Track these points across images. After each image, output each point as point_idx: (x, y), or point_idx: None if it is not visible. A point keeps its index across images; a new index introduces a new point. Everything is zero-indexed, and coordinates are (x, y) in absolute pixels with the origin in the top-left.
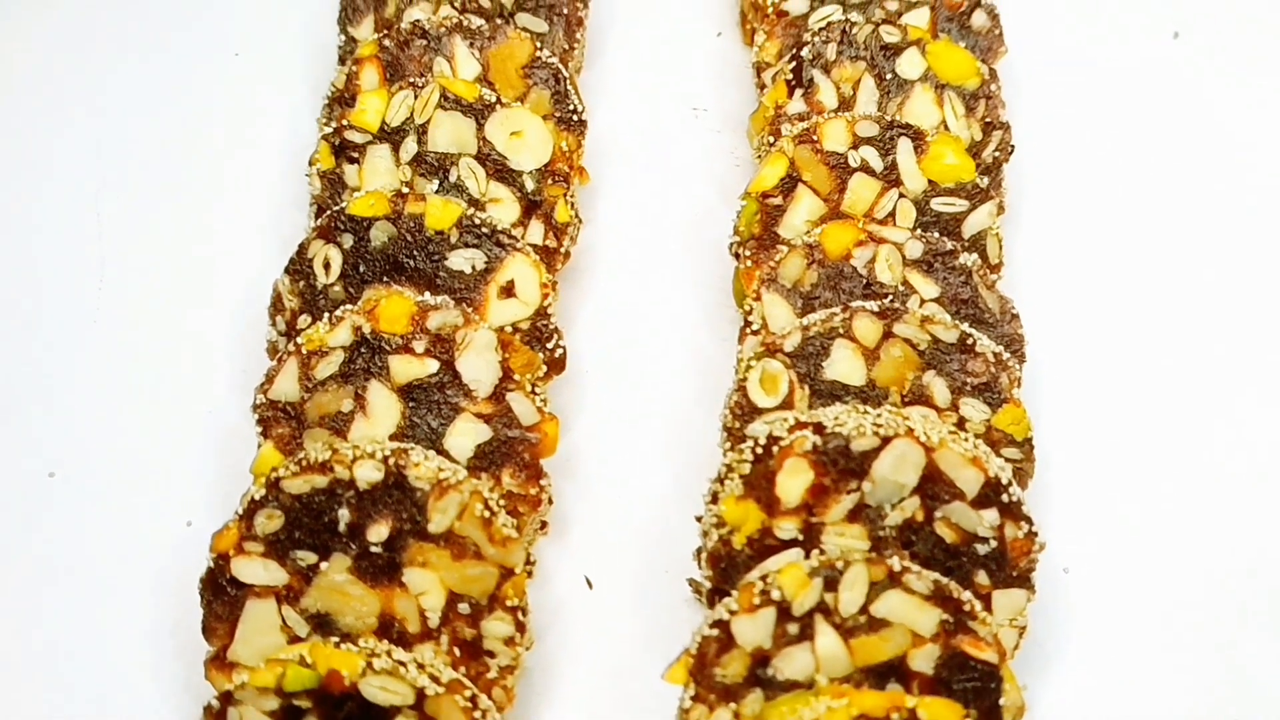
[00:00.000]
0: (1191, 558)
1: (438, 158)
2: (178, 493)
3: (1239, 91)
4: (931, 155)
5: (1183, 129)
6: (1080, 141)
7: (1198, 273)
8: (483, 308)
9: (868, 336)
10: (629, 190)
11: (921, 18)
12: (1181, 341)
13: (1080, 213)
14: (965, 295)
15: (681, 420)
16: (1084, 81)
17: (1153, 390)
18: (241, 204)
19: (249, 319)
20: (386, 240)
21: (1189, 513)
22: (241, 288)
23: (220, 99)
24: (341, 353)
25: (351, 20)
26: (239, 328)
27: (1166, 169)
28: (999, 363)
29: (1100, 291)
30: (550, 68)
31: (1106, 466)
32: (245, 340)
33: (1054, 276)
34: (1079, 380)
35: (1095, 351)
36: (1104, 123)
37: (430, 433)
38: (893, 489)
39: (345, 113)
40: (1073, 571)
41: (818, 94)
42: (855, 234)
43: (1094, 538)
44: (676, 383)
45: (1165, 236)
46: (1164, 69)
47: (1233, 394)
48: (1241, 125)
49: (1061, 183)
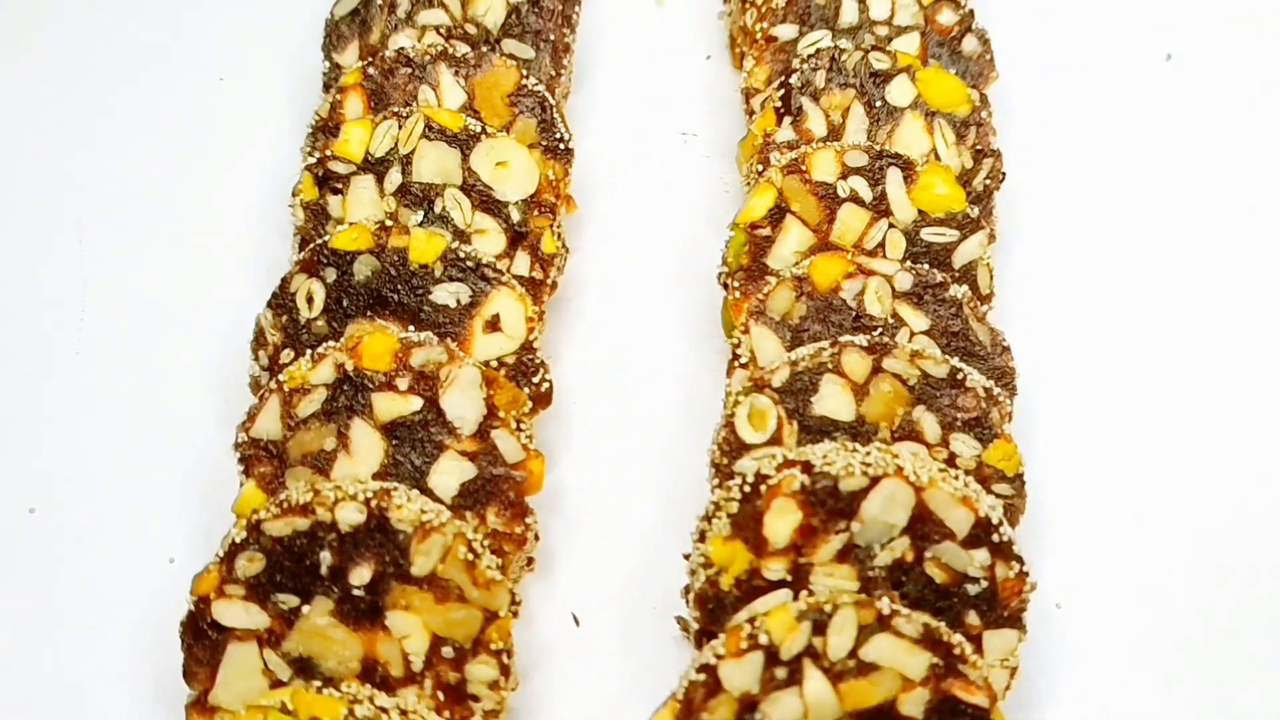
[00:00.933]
0: (1186, 593)
1: (422, 188)
2: (160, 529)
3: (1234, 114)
4: (921, 185)
5: (1177, 153)
6: (1073, 167)
7: (1193, 301)
8: (468, 342)
9: (857, 372)
10: (617, 218)
11: (912, 43)
12: (1175, 372)
13: (1073, 240)
14: (956, 328)
15: (669, 453)
16: (1076, 106)
17: (1146, 422)
18: (225, 234)
19: (232, 351)
20: (370, 274)
21: (1183, 547)
22: (225, 319)
23: (204, 126)
24: (324, 390)
25: (336, 47)
26: (222, 360)
27: (1160, 194)
28: (990, 398)
29: (1093, 321)
30: (536, 96)
31: (1099, 500)
32: (228, 373)
33: (1046, 306)
34: (1071, 412)
35: (1088, 383)
36: (1097, 148)
37: (414, 471)
38: (882, 529)
39: (329, 142)
40: (1065, 607)
41: (806, 122)
42: (844, 266)
43: (1086, 573)
44: (664, 415)
45: (1159, 264)
46: (1157, 92)
47: (1228, 427)
48: (1237, 148)
49: (1054, 210)
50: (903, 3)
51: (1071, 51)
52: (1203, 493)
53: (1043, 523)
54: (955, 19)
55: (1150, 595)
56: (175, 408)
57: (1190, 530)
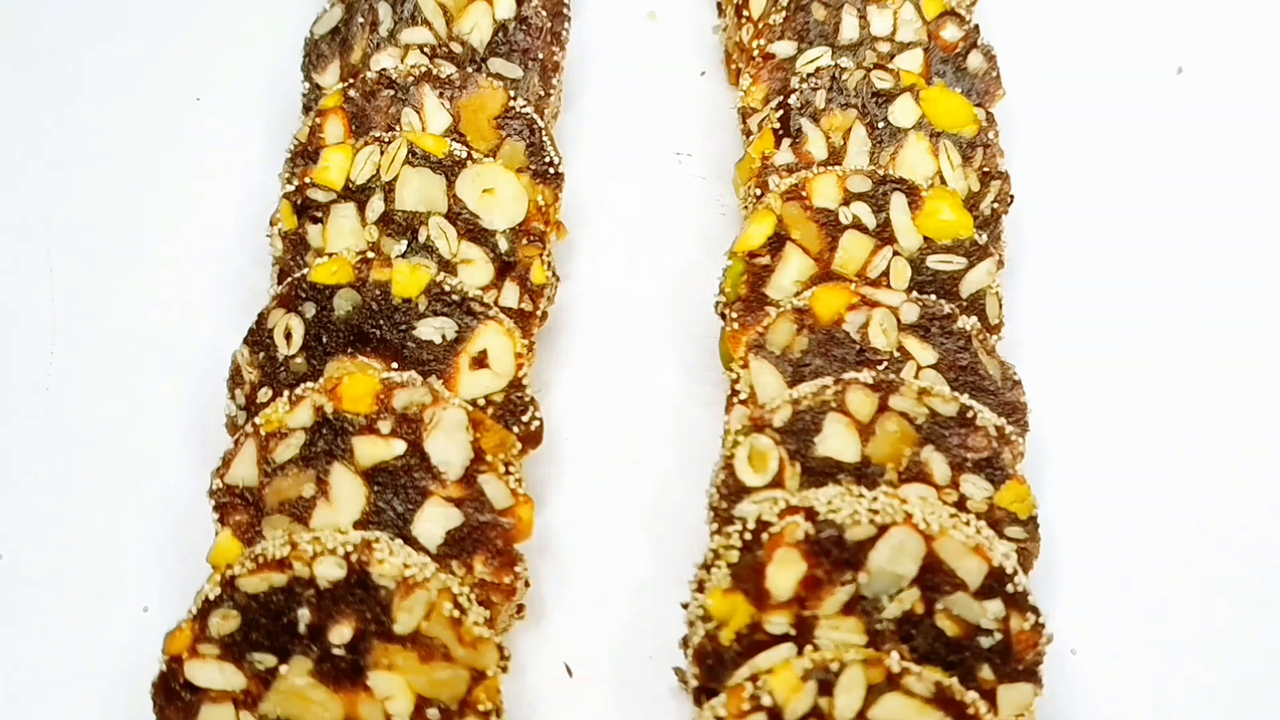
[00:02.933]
0: (1204, 637)
1: (406, 217)
2: (133, 575)
3: (1249, 128)
4: (927, 211)
5: (1190, 169)
6: (1082, 186)
7: (1213, 327)
8: (453, 380)
9: (862, 410)
10: (609, 243)
11: (915, 60)
12: (1193, 402)
13: (1083, 264)
14: (964, 361)
15: (666, 492)
16: (1085, 122)
17: (1162, 456)
18: (202, 262)
19: (209, 387)
20: (351, 309)
21: (1202, 591)
22: (202, 353)
23: (180, 148)
24: (302, 434)
25: (316, 67)
26: (199, 396)
27: (1174, 213)
28: (1001, 437)
29: (1106, 350)
30: (524, 118)
31: (1114, 539)
32: (205, 410)
33: (1056, 334)
34: (1084, 447)
35: (1101, 415)
36: (1107, 165)
37: (397, 518)
38: (890, 580)
39: (308, 169)
40: (1081, 653)
41: (806, 144)
42: (847, 297)
43: (1102, 617)
44: (660, 452)
45: (1174, 288)
46: (1168, 106)
47: (1250, 463)
48: (1254, 164)
49: (1063, 232)
50: (905, 18)
51: (1079, 66)
52: (1223, 532)
53: (1056, 564)
54: (960, 34)
55: (1170, 641)
56: (149, 446)
57: (1210, 571)
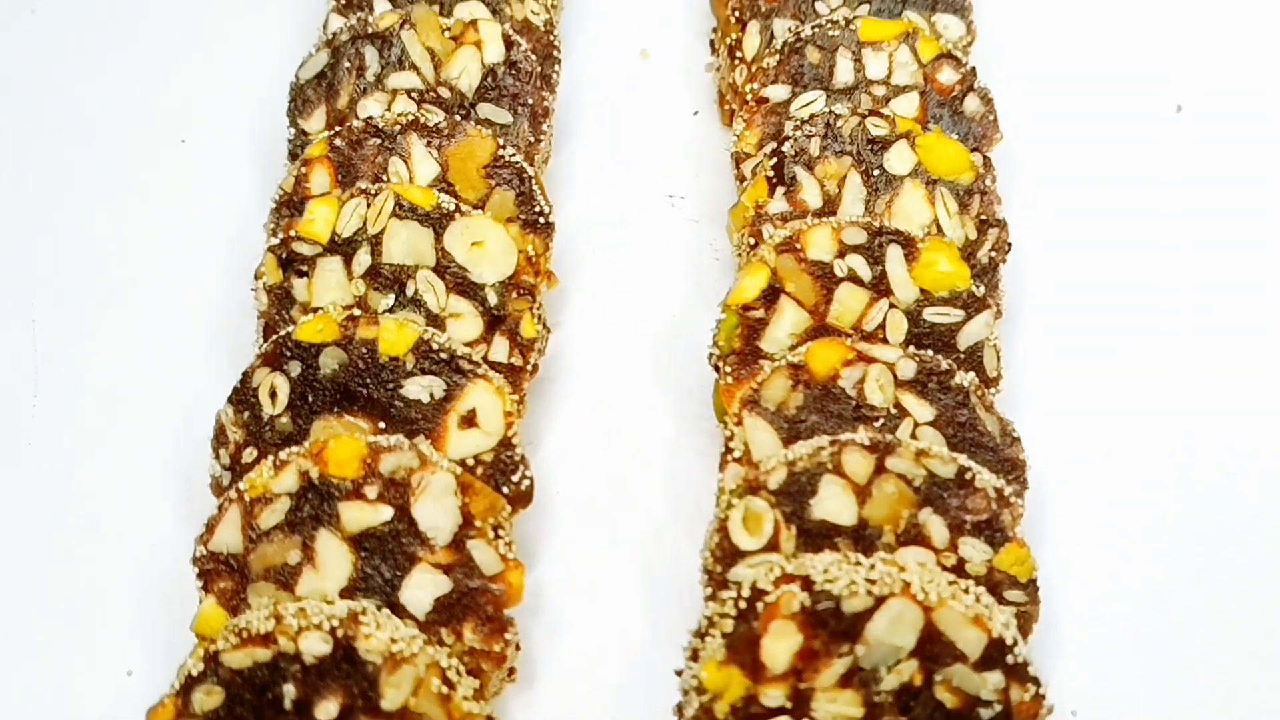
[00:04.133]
0: (1208, 696)
1: (393, 270)
2: (116, 639)
3: (1250, 164)
4: (923, 262)
5: (1190, 211)
6: (1082, 231)
7: (1218, 375)
8: (442, 439)
9: (858, 472)
10: (601, 291)
11: (911, 104)
12: (1199, 460)
13: (1084, 312)
14: (962, 418)
15: (659, 548)
16: (1084, 164)
17: (1165, 514)
18: (186, 312)
19: (194, 441)
20: (337, 368)
21: (1206, 649)
22: (186, 407)
23: (164, 193)
24: (287, 500)
25: (301, 112)
26: (182, 452)
27: (1177, 256)
28: (1000, 499)
29: (1107, 401)
30: (514, 167)
31: (1115, 598)
32: (188, 468)
33: (1056, 384)
34: (1085, 503)
35: (1101, 469)
36: (1107, 209)
37: (384, 585)
38: (888, 652)
39: (293, 221)
40: (1082, 714)
41: (800, 192)
42: (843, 353)
43: (1104, 677)
44: (653, 506)
45: (1178, 334)
46: (1168, 144)
47: (1256, 520)
48: (1258, 204)
49: (1063, 279)
50: (900, 61)
51: (1077, 107)
52: (1228, 590)
53: (1057, 622)
54: (956, 77)
55: (1173, 703)
56: (132, 504)
57: (1214, 629)
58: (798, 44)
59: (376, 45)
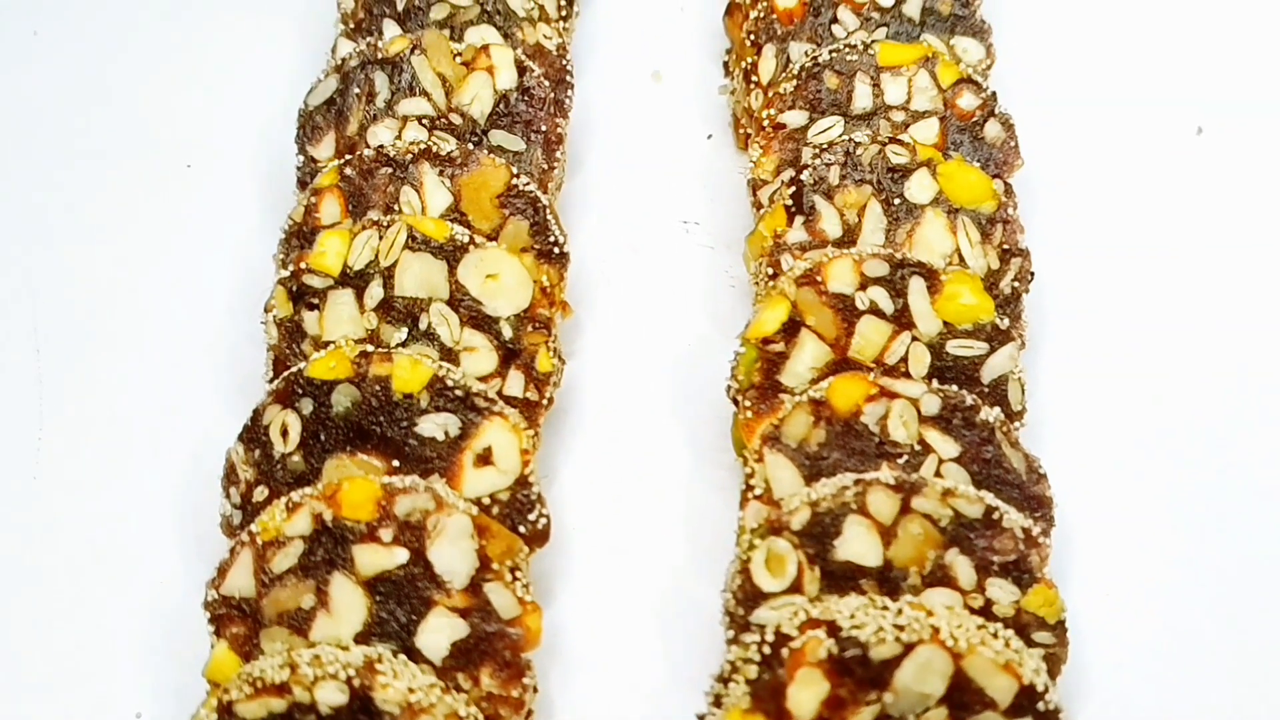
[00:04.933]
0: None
1: (406, 304)
2: (126, 681)
3: (1272, 186)
4: (946, 295)
5: (1215, 234)
6: (1103, 257)
7: (1251, 408)
8: (457, 478)
9: (883, 512)
10: (616, 320)
11: (931, 129)
12: (1231, 492)
13: (1107, 341)
14: (988, 455)
15: (678, 586)
16: (1103, 188)
17: (1195, 553)
18: (195, 342)
19: (203, 478)
20: (350, 406)
21: (1236, 688)
22: (194, 441)
23: (171, 219)
24: (300, 543)
25: (311, 139)
26: (192, 485)
27: (1200, 280)
28: (1028, 539)
29: (1132, 432)
30: (528, 197)
31: (1145, 637)
32: (198, 503)
33: (1082, 415)
34: (1113, 538)
35: (1129, 502)
36: (1127, 233)
37: (400, 629)
38: (917, 699)
39: (303, 253)
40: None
41: (820, 222)
42: (865, 388)
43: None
44: (672, 542)
45: (1207, 364)
46: (1188, 167)
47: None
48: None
49: (1086, 306)
50: (920, 86)
51: (1095, 129)
52: (1261, 633)
53: (1086, 663)
54: (977, 102)
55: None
56: (142, 542)
57: (1246, 668)
58: (815, 69)
59: (386, 71)
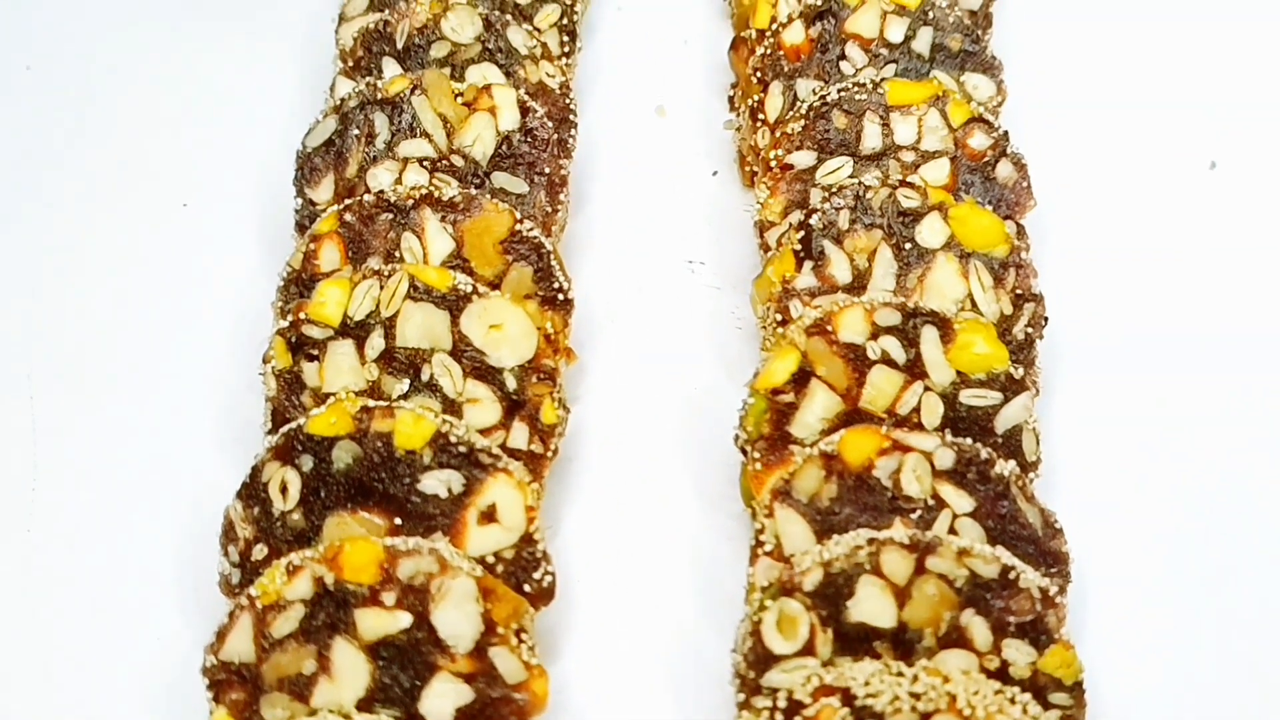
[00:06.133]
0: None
1: (408, 354)
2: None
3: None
4: (959, 344)
5: (1234, 275)
6: (1117, 298)
7: (1272, 460)
8: (461, 535)
9: (898, 573)
10: (621, 363)
11: (941, 170)
12: (1250, 543)
13: (1122, 386)
14: (1003, 510)
15: (687, 642)
16: (1117, 225)
17: (1216, 608)
18: (191, 390)
19: (202, 529)
20: (351, 462)
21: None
22: (192, 491)
23: (167, 261)
24: (301, 606)
25: (309, 181)
26: (190, 537)
27: (1218, 322)
28: (1045, 599)
29: (1151, 483)
30: (531, 242)
31: (1162, 698)
32: (196, 557)
33: (1097, 467)
34: (1130, 596)
35: (1146, 559)
36: (1141, 273)
37: (404, 695)
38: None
39: (303, 303)
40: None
41: (829, 267)
42: (878, 441)
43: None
44: (679, 598)
45: (1226, 409)
46: (1201, 204)
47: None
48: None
49: (1099, 350)
50: (930, 125)
51: (1107, 166)
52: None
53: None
54: (988, 142)
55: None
56: (139, 603)
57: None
58: (823, 108)
59: (386, 111)
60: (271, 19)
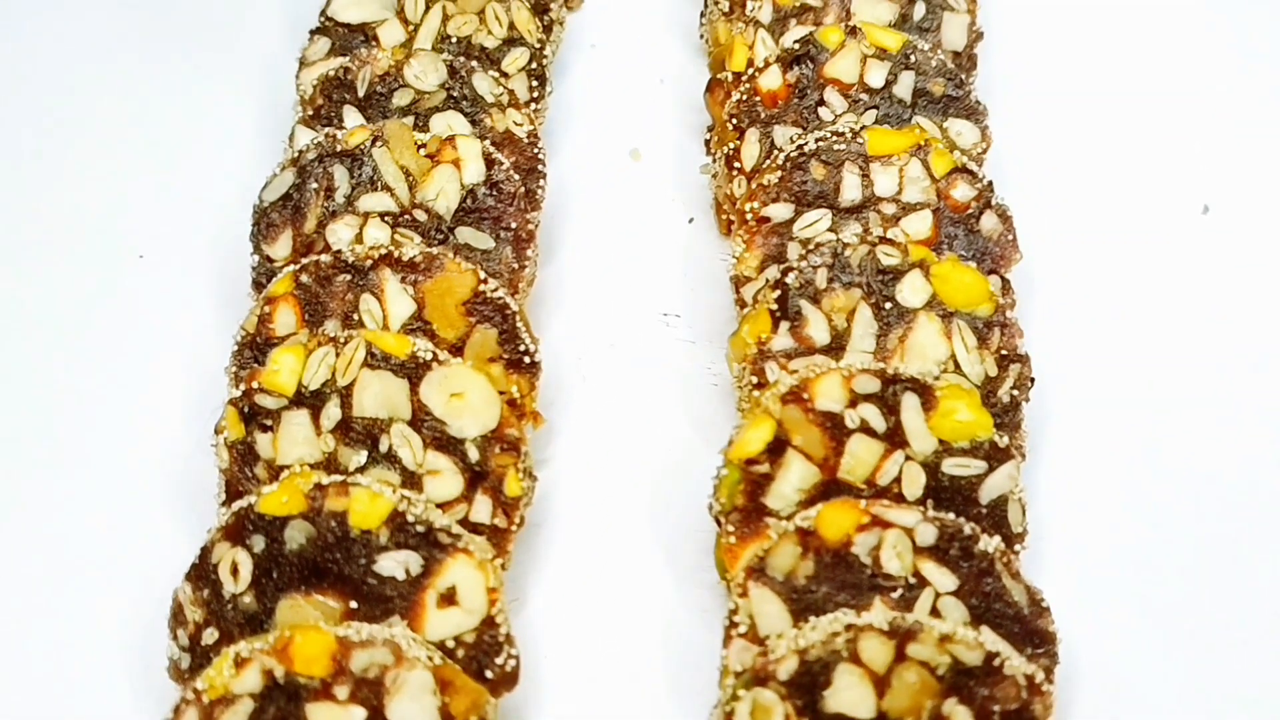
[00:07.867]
0: None
1: (365, 424)
2: None
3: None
4: (941, 411)
5: (1227, 328)
6: (1106, 354)
7: (1271, 525)
8: (419, 619)
9: (877, 660)
10: (591, 424)
11: (923, 222)
12: (1247, 624)
13: (1113, 452)
14: (988, 588)
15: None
16: (1106, 275)
17: (1212, 690)
18: (141, 455)
19: (152, 606)
20: (304, 542)
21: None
22: (142, 568)
23: (120, 315)
24: (250, 701)
25: (266, 237)
26: (139, 622)
27: (1213, 378)
28: (1031, 686)
29: (1143, 552)
30: (495, 303)
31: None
32: (145, 644)
33: (1086, 536)
34: (1119, 676)
35: (1137, 636)
36: (1132, 327)
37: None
38: None
39: (255, 371)
40: None
41: (806, 328)
42: (856, 516)
43: None
44: (650, 676)
45: (1221, 470)
46: (1195, 254)
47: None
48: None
49: (1086, 410)
50: (911, 176)
51: (1097, 213)
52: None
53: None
54: (972, 194)
55: None
56: (85, 686)
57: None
58: (800, 158)
59: (346, 164)
60: (230, 62)
